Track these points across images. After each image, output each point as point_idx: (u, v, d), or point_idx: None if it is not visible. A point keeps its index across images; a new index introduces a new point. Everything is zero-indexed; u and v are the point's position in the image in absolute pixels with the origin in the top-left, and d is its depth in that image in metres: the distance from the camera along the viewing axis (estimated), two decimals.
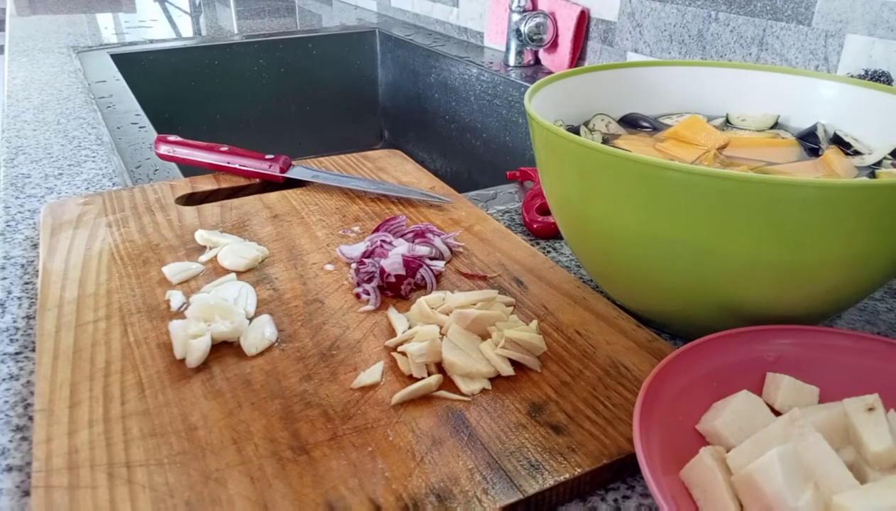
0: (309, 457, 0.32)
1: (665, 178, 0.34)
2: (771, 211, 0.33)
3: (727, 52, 0.78)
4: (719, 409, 0.33)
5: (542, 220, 0.56)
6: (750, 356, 0.36)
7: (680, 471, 0.30)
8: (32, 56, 1.15)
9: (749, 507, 0.27)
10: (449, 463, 0.32)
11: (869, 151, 0.47)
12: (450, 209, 0.57)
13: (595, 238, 0.41)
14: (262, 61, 1.31)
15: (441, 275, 0.47)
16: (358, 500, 0.30)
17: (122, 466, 0.31)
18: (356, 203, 0.59)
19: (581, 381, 0.37)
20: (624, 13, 0.91)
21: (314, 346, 0.40)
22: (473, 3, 1.23)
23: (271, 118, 1.36)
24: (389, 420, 0.34)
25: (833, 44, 0.67)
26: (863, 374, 0.35)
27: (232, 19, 1.54)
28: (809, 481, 0.27)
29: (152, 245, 0.51)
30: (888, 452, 0.29)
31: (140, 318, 0.42)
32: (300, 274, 0.47)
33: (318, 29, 1.41)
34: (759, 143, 0.49)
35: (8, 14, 1.57)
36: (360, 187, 0.60)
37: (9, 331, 0.43)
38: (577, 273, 0.52)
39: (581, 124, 0.51)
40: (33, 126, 0.81)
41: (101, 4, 1.72)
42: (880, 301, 0.50)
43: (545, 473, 0.31)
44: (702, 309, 0.39)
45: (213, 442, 0.33)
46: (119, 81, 1.01)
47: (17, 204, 0.61)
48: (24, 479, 0.33)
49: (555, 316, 0.43)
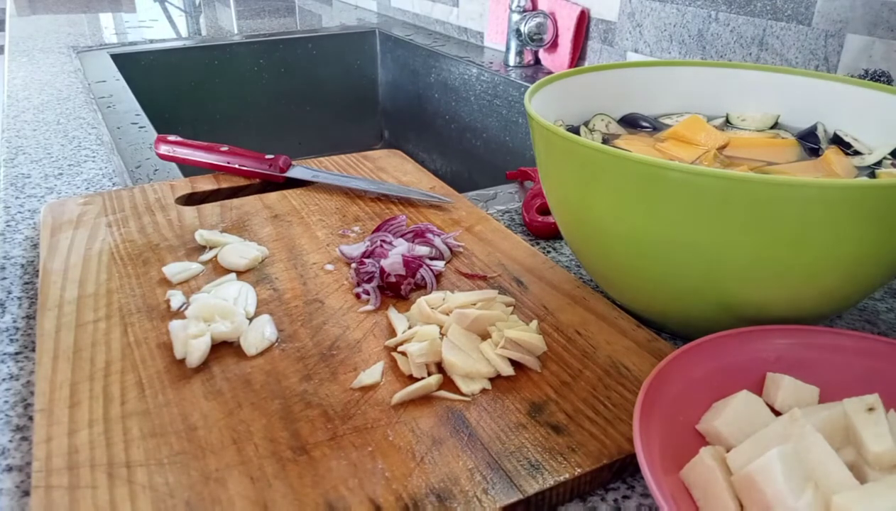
0: (309, 457, 0.32)
1: (665, 178, 0.34)
2: (771, 211, 0.33)
3: (727, 52, 0.78)
4: (719, 409, 0.33)
5: (542, 220, 0.56)
6: (750, 356, 0.36)
7: (680, 471, 0.30)
8: (32, 56, 1.15)
9: (749, 507, 0.27)
10: (449, 463, 0.32)
11: (869, 151, 0.47)
12: (450, 209, 0.57)
13: (595, 238, 0.41)
14: (262, 61, 1.31)
15: (441, 275, 0.47)
16: (358, 500, 0.30)
17: (122, 466, 0.31)
18: (356, 203, 0.59)
19: (581, 381, 0.37)
20: (624, 13, 0.91)
21: (314, 346, 0.40)
22: (473, 3, 1.23)
23: (271, 118, 1.36)
24: (389, 420, 0.34)
25: (833, 44, 0.67)
26: (863, 374, 0.35)
27: (232, 19, 1.54)
28: (809, 481, 0.27)
29: (152, 245, 0.51)
30: (888, 452, 0.29)
31: (140, 318, 0.42)
32: (300, 274, 0.47)
33: (318, 29, 1.41)
34: (759, 143, 0.49)
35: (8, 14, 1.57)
36: (359, 187, 0.60)
37: (9, 331, 0.43)
38: (577, 273, 0.52)
39: (581, 124, 0.51)
40: (33, 126, 0.81)
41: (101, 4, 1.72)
42: (880, 301, 0.50)
43: (545, 473, 0.31)
44: (702, 309, 0.39)
45: (213, 442, 0.33)
46: (119, 81, 1.01)
47: (17, 204, 0.61)
48: (24, 479, 0.33)
49: (555, 316, 0.43)
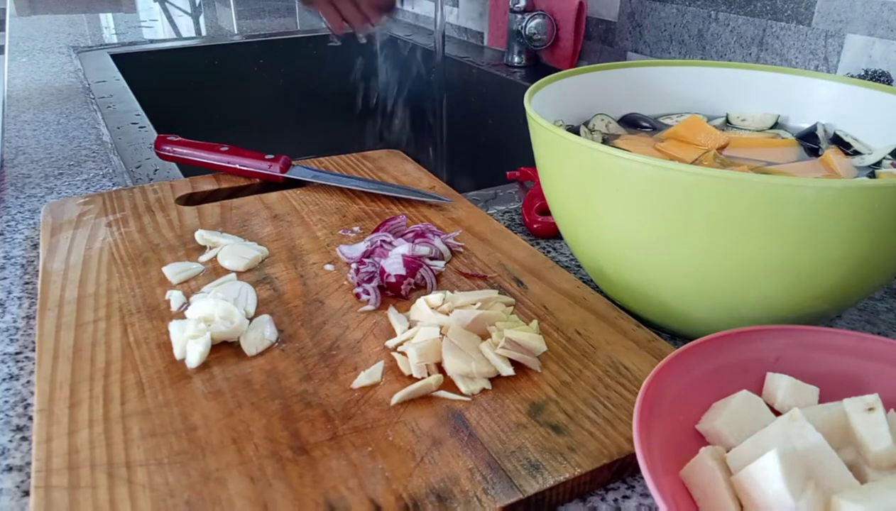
0: (309, 457, 0.32)
1: (665, 178, 0.34)
2: (771, 211, 0.33)
3: (727, 52, 0.78)
4: (719, 409, 0.33)
5: (542, 220, 0.56)
6: (750, 356, 0.36)
7: (680, 471, 0.30)
8: (32, 56, 1.15)
9: (749, 507, 0.27)
10: (449, 463, 0.32)
11: (869, 151, 0.47)
12: (450, 209, 0.57)
13: (595, 238, 0.41)
14: (262, 61, 1.31)
15: (441, 275, 0.47)
16: (358, 500, 0.30)
17: (122, 466, 0.31)
18: (356, 203, 0.59)
19: (581, 381, 0.37)
20: (624, 13, 0.91)
21: (314, 346, 0.40)
22: (473, 3, 1.23)
23: (271, 118, 1.36)
24: (389, 420, 0.34)
25: (833, 44, 0.67)
26: (863, 374, 0.35)
27: (232, 19, 1.54)
28: (809, 481, 0.27)
29: (152, 245, 0.51)
30: (888, 452, 0.29)
31: (140, 318, 0.42)
32: (300, 274, 0.47)
33: (318, 29, 1.41)
34: (759, 143, 0.49)
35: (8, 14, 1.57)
36: (360, 187, 0.60)
37: (9, 331, 0.43)
38: (577, 273, 0.52)
39: (581, 124, 0.51)
40: (33, 126, 0.81)
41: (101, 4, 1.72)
42: (880, 301, 0.50)
43: (545, 473, 0.31)
44: (702, 309, 0.39)
45: (213, 442, 0.33)
46: (119, 81, 1.01)
47: (17, 204, 0.61)
48: (24, 479, 0.33)
49: (555, 316, 0.43)
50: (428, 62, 1.24)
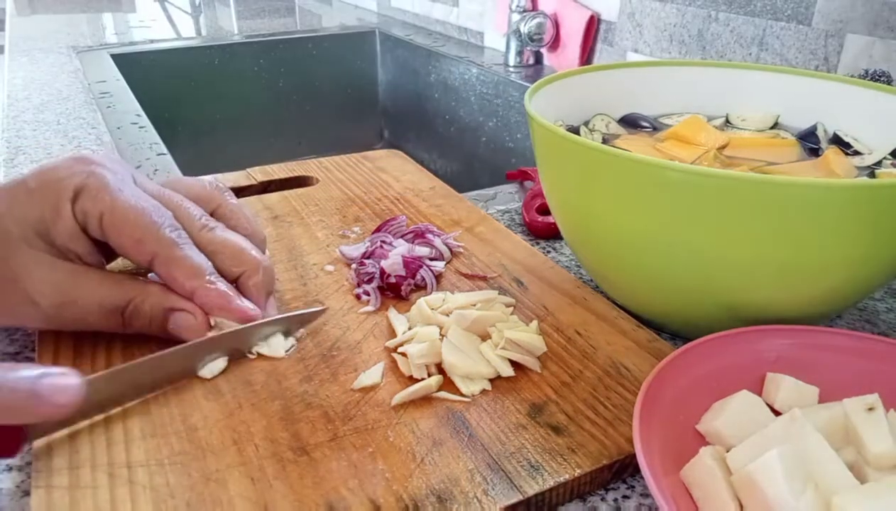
0: (309, 458, 0.32)
1: (665, 178, 0.34)
2: (771, 211, 0.33)
3: (727, 52, 0.78)
4: (719, 409, 0.33)
5: (542, 220, 0.56)
6: (750, 356, 0.36)
7: (680, 471, 0.30)
8: (32, 56, 1.15)
9: (749, 507, 0.27)
10: (449, 464, 0.32)
11: (869, 151, 0.47)
12: (450, 209, 0.57)
13: (595, 238, 0.41)
14: (262, 61, 1.31)
15: (441, 275, 0.47)
16: (358, 500, 0.30)
17: (123, 467, 0.31)
18: (356, 203, 0.59)
19: (581, 382, 0.37)
20: (624, 13, 0.91)
21: (314, 347, 0.40)
22: (473, 3, 1.23)
23: (271, 118, 1.36)
24: (390, 421, 0.34)
25: (833, 44, 0.67)
26: (863, 374, 0.35)
27: (232, 19, 1.54)
28: (809, 481, 0.27)
29: None
30: (888, 452, 0.29)
31: None
32: (300, 275, 0.47)
33: (318, 29, 1.41)
34: (759, 143, 0.49)
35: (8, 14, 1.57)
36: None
37: (9, 331, 0.43)
38: (577, 273, 0.52)
39: (581, 124, 0.51)
40: (33, 126, 0.81)
41: (101, 4, 1.72)
42: (880, 301, 0.50)
43: (545, 474, 0.31)
44: (702, 309, 0.39)
45: (214, 442, 0.33)
46: (119, 81, 1.01)
47: None
48: (24, 479, 0.33)
49: (555, 316, 0.43)
50: (428, 62, 1.24)
